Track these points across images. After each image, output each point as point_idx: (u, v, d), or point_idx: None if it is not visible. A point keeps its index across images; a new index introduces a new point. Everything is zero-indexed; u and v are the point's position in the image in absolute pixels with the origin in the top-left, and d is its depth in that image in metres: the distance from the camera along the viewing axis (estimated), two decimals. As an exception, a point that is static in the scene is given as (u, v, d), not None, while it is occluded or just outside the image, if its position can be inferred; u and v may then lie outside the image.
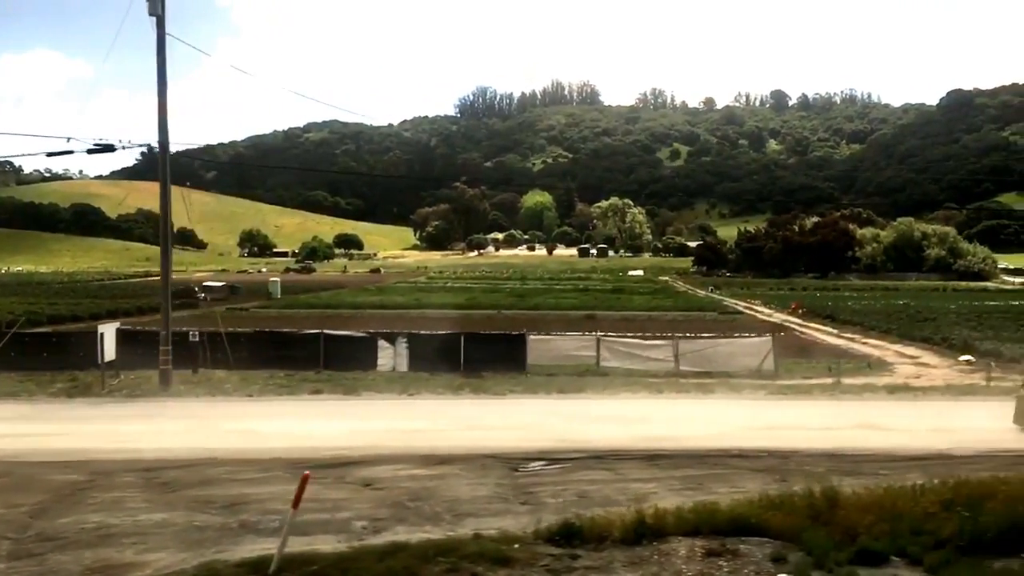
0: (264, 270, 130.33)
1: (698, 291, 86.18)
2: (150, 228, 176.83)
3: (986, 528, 10.00)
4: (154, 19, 21.01)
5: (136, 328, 26.14)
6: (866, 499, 10.85)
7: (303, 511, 11.08)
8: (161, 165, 22.94)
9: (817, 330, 42.35)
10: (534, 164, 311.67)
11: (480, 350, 25.39)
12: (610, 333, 27.06)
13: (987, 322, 42.02)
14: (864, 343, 35.10)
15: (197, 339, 23.74)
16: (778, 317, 51.96)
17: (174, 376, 21.33)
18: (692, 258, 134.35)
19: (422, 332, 27.09)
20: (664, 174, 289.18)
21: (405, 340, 25.55)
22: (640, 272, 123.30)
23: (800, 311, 53.38)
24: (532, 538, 9.96)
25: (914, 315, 48.35)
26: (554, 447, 14.44)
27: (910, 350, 31.68)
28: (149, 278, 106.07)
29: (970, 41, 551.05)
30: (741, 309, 59.71)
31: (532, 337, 25.60)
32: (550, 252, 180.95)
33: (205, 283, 73.57)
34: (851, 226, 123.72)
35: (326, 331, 26.00)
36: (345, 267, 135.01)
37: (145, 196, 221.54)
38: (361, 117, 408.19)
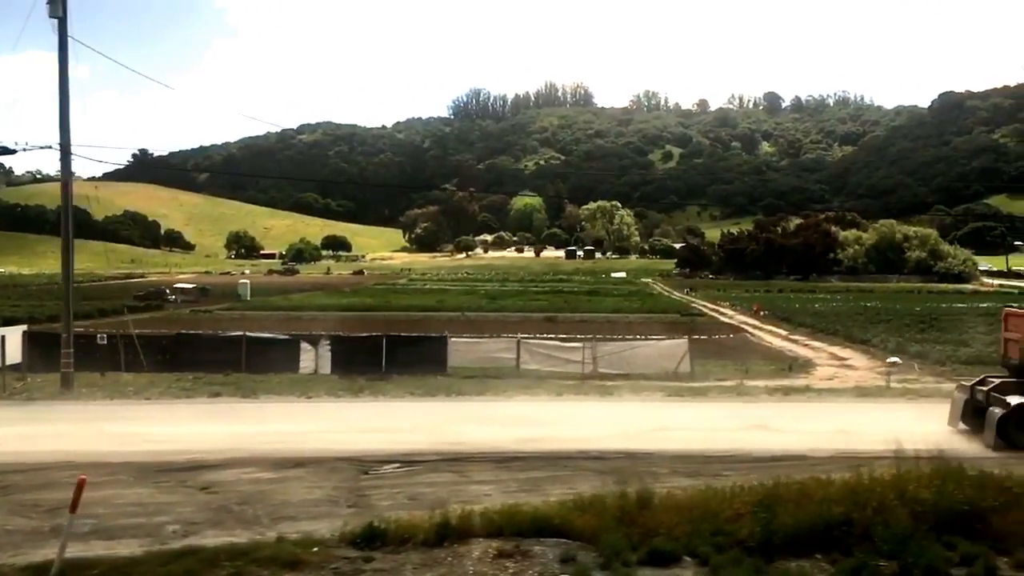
0: (247, 272, 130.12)
1: (674, 293, 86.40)
2: (136, 230, 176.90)
3: (782, 529, 10.05)
4: (55, 21, 20.91)
5: (47, 331, 26.11)
6: (681, 500, 10.88)
7: (120, 515, 11.15)
8: (63, 168, 22.84)
9: (769, 332, 42.43)
10: (526, 166, 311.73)
11: (402, 352, 25.41)
12: (531, 335, 27.05)
13: (938, 324, 42.15)
14: (806, 345, 35.18)
15: (104, 342, 23.71)
16: (739, 319, 52.11)
17: (81, 379, 21.31)
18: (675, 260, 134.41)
19: (345, 334, 27.07)
20: (656, 176, 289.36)
21: (327, 342, 25.56)
22: (623, 274, 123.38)
23: (761, 313, 53.48)
24: (336, 541, 9.98)
25: (872, 317, 48.53)
26: (421, 449, 14.46)
27: (846, 352, 31.76)
28: (128, 280, 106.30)
29: (962, 43, 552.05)
30: (706, 311, 59.81)
31: (454, 339, 25.63)
32: (538, 254, 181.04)
33: (176, 285, 73.73)
34: (833, 228, 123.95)
35: (248, 334, 26.00)
36: (328, 269, 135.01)
37: (133, 198, 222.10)
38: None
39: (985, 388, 18.86)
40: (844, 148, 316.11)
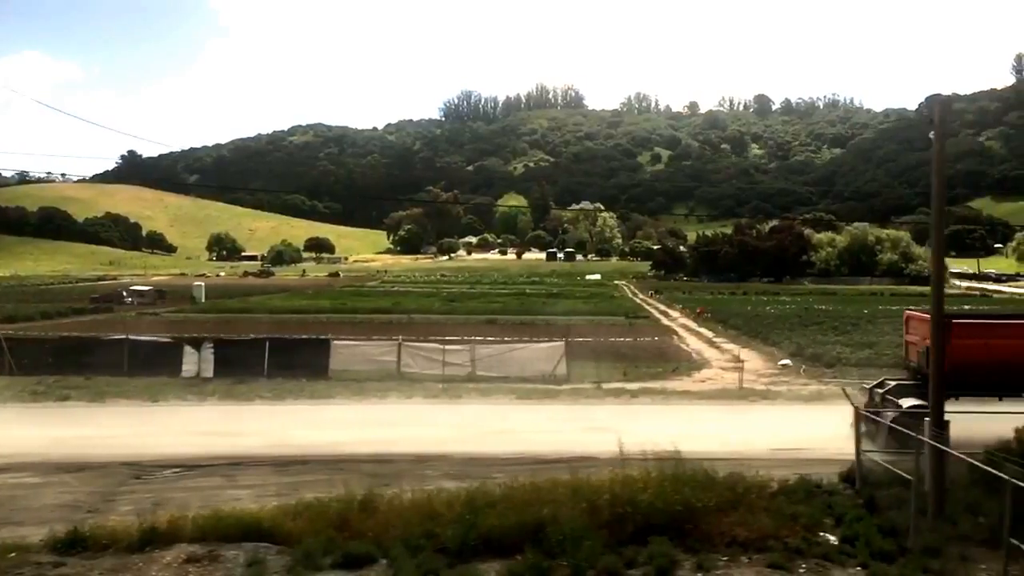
0: (222, 274, 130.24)
1: (639, 295, 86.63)
2: (117, 232, 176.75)
3: (492, 531, 10.12)
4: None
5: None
6: (407, 504, 10.96)
7: None
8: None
9: (697, 334, 42.58)
10: (516, 168, 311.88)
11: (284, 355, 25.50)
12: (412, 338, 27.08)
13: (865, 327, 42.31)
14: (721, 347, 35.32)
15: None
16: (680, 321, 52.31)
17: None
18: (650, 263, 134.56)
19: (229, 337, 27.11)
20: (644, 178, 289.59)
21: (211, 346, 25.60)
22: (597, 276, 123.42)
23: (705, 315, 53.54)
24: (40, 547, 10.02)
25: (809, 319, 48.75)
26: (213, 453, 14.54)
27: (751, 354, 31.86)
28: (98, 282, 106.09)
29: (950, 47, 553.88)
30: (655, 313, 59.99)
31: (336, 342, 25.74)
32: (519, 256, 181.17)
33: (132, 288, 73.74)
34: (807, 231, 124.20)
35: (131, 337, 26.03)
36: (304, 271, 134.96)
37: (117, 200, 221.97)
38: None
39: (882, 391, 19.08)
40: (833, 151, 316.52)
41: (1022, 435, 12.94)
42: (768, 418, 17.58)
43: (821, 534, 10.73)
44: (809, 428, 15.98)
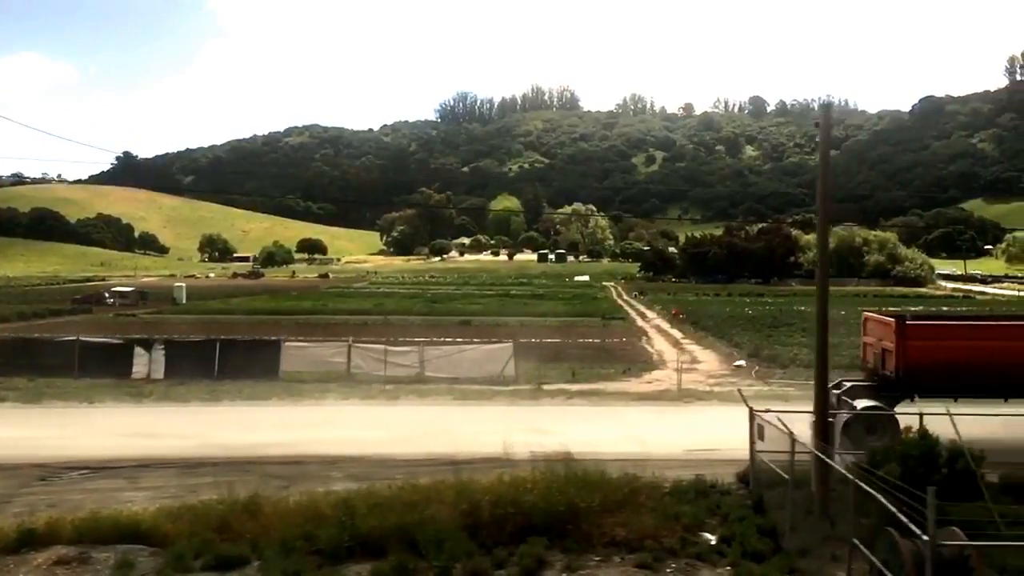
0: (212, 275, 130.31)
1: (623, 296, 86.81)
2: (109, 233, 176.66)
3: (370, 532, 10.18)
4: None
5: None
6: (292, 506, 11.01)
7: None
8: None
9: (667, 335, 42.70)
10: (511, 169, 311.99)
11: (235, 356, 25.53)
12: (363, 339, 27.14)
13: (837, 328, 42.31)
14: (684, 348, 35.37)
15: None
16: (655, 323, 52.41)
17: None
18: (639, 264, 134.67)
19: (180, 339, 27.16)
20: (638, 180, 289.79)
21: (162, 347, 25.66)
22: (586, 278, 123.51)
23: (680, 317, 53.62)
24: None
25: (782, 320, 49.01)
26: (127, 455, 14.59)
27: (710, 355, 32.01)
28: (86, 283, 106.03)
29: (944, 48, 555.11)
30: (632, 314, 60.11)
31: (287, 344, 25.78)
32: (511, 258, 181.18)
33: (114, 288, 73.78)
34: (795, 232, 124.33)
35: (82, 338, 26.07)
36: (294, 272, 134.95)
37: (111, 201, 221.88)
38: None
39: (838, 391, 19.14)
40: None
41: (906, 437, 13.00)
42: (696, 419, 17.66)
43: (702, 534, 10.81)
44: (732, 429, 15.97)
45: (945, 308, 62.59)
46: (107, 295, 70.02)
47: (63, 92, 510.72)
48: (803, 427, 12.92)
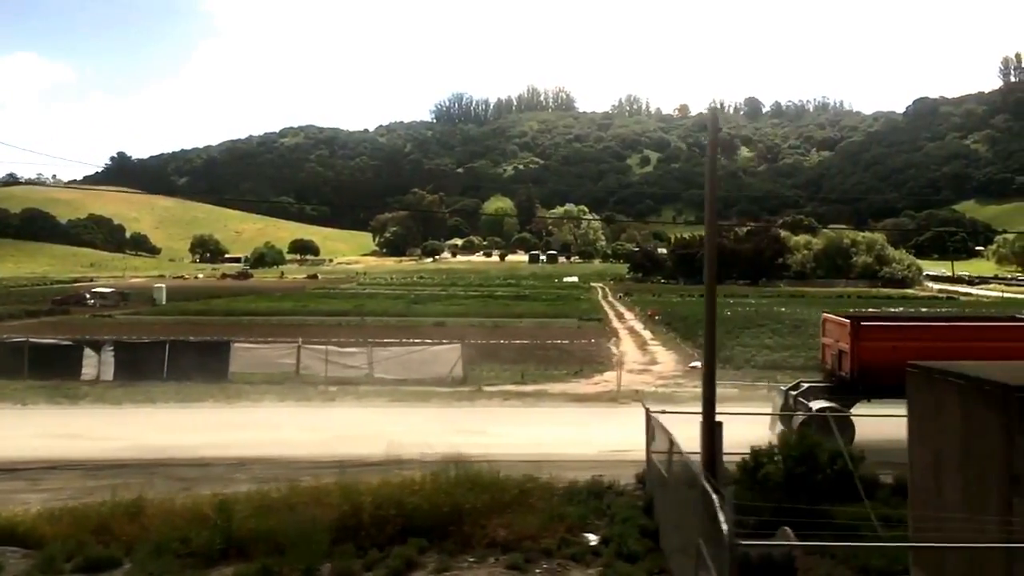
0: (201, 276, 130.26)
1: (608, 297, 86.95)
2: (100, 234, 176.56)
3: (249, 533, 10.16)
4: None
5: None
6: (176, 508, 10.99)
7: None
8: None
9: (637, 336, 42.77)
10: (505, 170, 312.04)
11: (185, 358, 25.51)
12: (313, 340, 27.15)
13: (803, 329, 42.46)
14: (648, 350, 35.44)
15: None
16: (630, 324, 52.44)
17: None
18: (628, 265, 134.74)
19: (130, 340, 27.16)
20: (632, 180, 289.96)
21: (111, 348, 25.64)
22: (575, 279, 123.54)
23: (656, 318, 53.67)
24: None
25: (756, 322, 49.03)
26: (37, 457, 14.58)
27: (670, 356, 32.03)
28: (74, 284, 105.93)
29: (939, 49, 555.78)
30: (611, 315, 60.13)
31: (237, 345, 25.78)
32: (503, 258, 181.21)
33: (95, 289, 73.76)
34: (784, 234, 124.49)
35: (31, 339, 26.06)
36: (282, 273, 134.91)
37: (105, 202, 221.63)
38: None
39: (795, 393, 19.16)
40: (822, 153, 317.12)
41: (786, 437, 13.01)
42: (625, 420, 17.59)
43: (585, 535, 10.81)
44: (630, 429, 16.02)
45: (924, 309, 62.64)
46: (88, 296, 70.00)
47: (60, 93, 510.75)
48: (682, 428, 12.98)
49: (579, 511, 11.16)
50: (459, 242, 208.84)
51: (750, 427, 14.89)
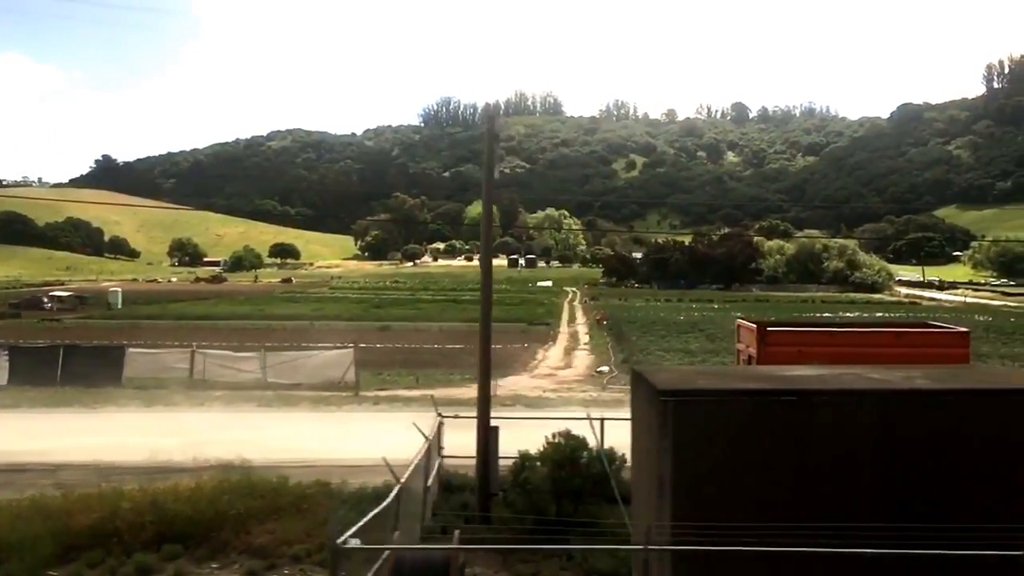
0: (174, 279, 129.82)
1: (575, 302, 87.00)
2: (78, 237, 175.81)
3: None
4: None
5: None
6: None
7: None
8: None
9: (574, 340, 42.82)
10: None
11: (79, 363, 25.40)
12: (208, 345, 27.07)
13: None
14: (571, 354, 35.46)
15: None
16: (578, 328, 52.51)
17: None
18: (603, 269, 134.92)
19: (25, 344, 27.03)
20: (618, 185, 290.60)
21: (5, 353, 25.52)
22: (549, 283, 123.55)
23: (604, 322, 53.73)
24: None
25: (699, 326, 49.22)
26: None
27: (588, 360, 32.07)
28: (43, 287, 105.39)
29: (925, 55, 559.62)
30: (564, 319, 60.19)
31: (132, 350, 25.68)
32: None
33: (52, 293, 73.50)
34: (757, 239, 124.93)
35: (-75, 344, 25.90)
36: (256, 277, 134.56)
37: (87, 204, 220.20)
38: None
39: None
40: (807, 158, 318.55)
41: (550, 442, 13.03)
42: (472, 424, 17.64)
43: (351, 540, 10.77)
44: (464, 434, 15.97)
45: (880, 314, 62.94)
46: (46, 300, 69.72)
47: (49, 94, 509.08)
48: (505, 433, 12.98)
49: (354, 516, 11.11)
50: (440, 246, 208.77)
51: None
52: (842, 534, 6.84)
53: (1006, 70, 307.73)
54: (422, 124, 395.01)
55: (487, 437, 11.51)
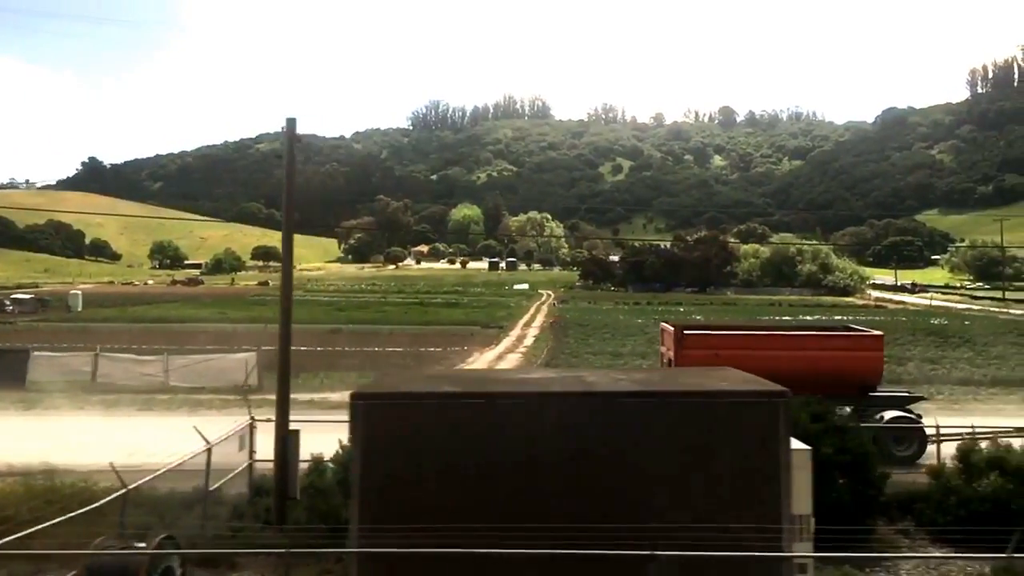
0: (151, 282, 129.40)
1: (545, 305, 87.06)
2: (59, 239, 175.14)
3: None
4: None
5: None
6: None
7: None
8: None
9: (516, 344, 42.80)
10: (479, 177, 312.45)
11: (-18, 365, 25.30)
12: (111, 347, 27.04)
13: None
14: (504, 358, 35.49)
15: None
16: (530, 331, 52.53)
17: None
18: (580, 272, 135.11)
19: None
20: (604, 188, 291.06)
21: (-85, 354, 25.44)
22: (525, 286, 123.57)
23: (558, 326, 53.79)
24: None
25: (642, 330, 49.25)
26: None
27: (516, 364, 32.06)
28: (20, 289, 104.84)
29: (909, 60, 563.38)
30: (520, 322, 60.22)
31: (37, 353, 25.61)
32: (464, 266, 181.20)
33: (13, 296, 73.18)
34: (732, 242, 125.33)
35: None
36: (233, 280, 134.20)
37: (70, 207, 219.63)
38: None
39: None
40: (793, 162, 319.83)
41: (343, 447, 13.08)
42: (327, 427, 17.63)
43: (136, 544, 10.79)
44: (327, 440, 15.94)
45: (847, 318, 63.01)
46: (7, 303, 69.45)
47: (39, 96, 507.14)
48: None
49: (139, 519, 11.12)
50: (424, 249, 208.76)
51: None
52: (525, 533, 6.92)
53: (990, 75, 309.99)
54: (411, 127, 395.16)
55: (286, 440, 11.53)
